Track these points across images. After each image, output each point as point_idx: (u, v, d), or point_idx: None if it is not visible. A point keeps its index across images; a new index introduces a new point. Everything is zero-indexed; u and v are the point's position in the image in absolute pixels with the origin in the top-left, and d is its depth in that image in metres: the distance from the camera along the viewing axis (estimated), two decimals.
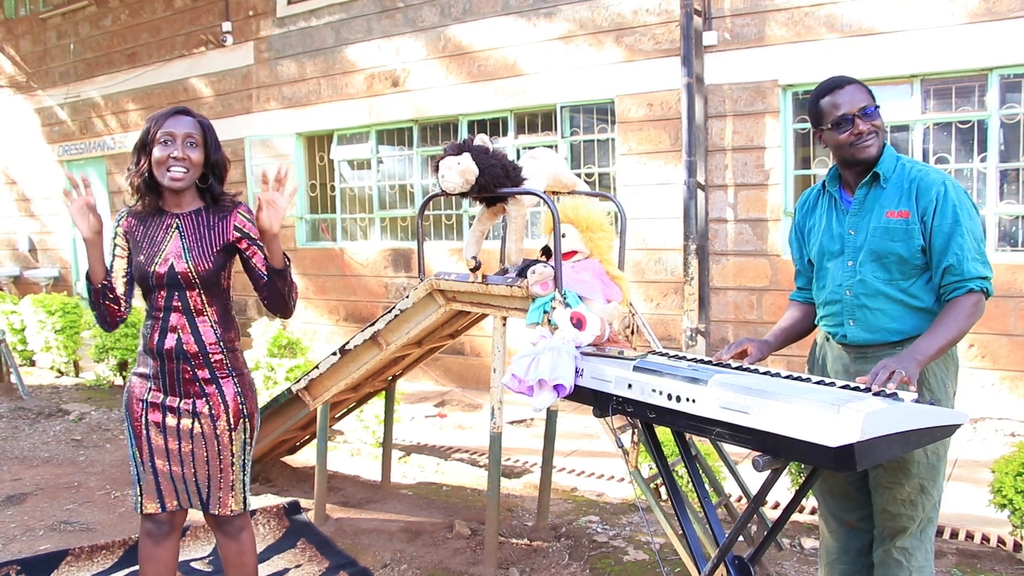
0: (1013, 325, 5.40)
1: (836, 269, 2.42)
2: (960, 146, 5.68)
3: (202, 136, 2.50)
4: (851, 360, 2.41)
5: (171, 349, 2.47)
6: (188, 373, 2.49)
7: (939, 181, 2.28)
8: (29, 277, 11.90)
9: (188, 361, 2.48)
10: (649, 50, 6.58)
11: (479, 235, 3.32)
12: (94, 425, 6.23)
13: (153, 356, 2.49)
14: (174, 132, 2.45)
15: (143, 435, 2.51)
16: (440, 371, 7.96)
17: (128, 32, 10.44)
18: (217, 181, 2.58)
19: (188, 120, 2.49)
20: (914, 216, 2.28)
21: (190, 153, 2.46)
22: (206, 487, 2.54)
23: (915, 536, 2.34)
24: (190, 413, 2.50)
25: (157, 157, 2.44)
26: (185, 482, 2.52)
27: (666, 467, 2.44)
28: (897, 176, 2.34)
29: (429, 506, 4.43)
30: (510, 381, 2.48)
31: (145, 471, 2.52)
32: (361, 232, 8.74)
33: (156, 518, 2.54)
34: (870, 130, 2.32)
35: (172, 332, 2.47)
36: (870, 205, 2.35)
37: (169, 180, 2.45)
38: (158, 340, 2.48)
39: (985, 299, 2.27)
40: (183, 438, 2.50)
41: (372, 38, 8.17)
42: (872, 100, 2.32)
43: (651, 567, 3.56)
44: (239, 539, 2.64)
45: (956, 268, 2.24)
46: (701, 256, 6.40)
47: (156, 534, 2.54)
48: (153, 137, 2.45)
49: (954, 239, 2.23)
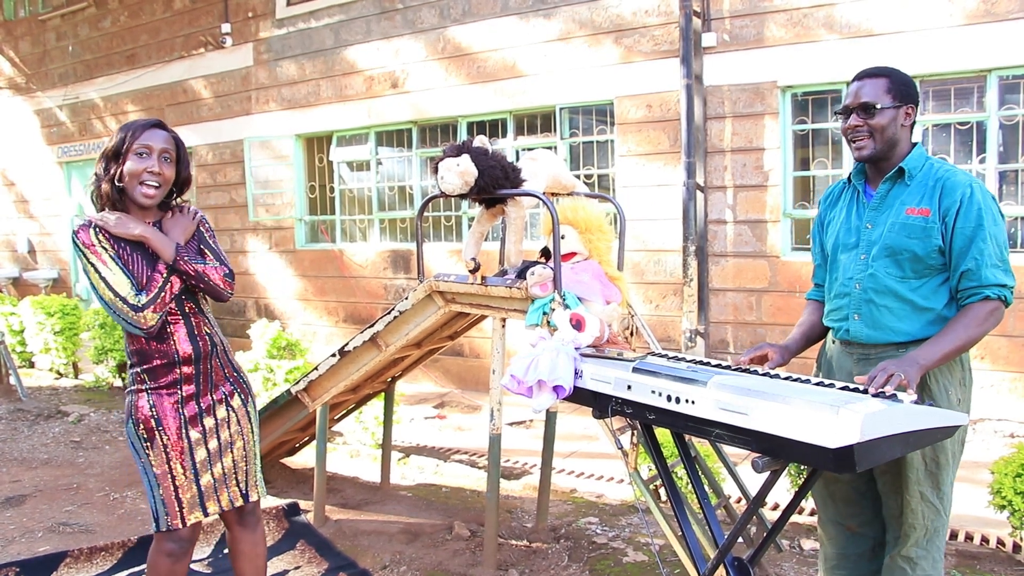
0: (1012, 326, 5.40)
1: (849, 262, 2.40)
2: (959, 147, 5.68)
3: (176, 152, 2.50)
4: (854, 363, 2.39)
5: (207, 350, 2.53)
6: (218, 367, 2.57)
7: (966, 183, 2.23)
8: (28, 278, 11.88)
9: (218, 357, 2.57)
10: (648, 51, 6.59)
11: (478, 236, 3.31)
12: (93, 427, 6.22)
13: (187, 362, 2.48)
14: (151, 145, 2.42)
15: (186, 452, 2.46)
16: (439, 372, 7.95)
17: (127, 33, 10.44)
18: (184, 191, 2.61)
19: (164, 135, 2.47)
20: (935, 215, 2.23)
21: (164, 169, 2.45)
22: (243, 476, 2.59)
23: (920, 545, 2.31)
24: (225, 407, 2.56)
25: (131, 169, 2.40)
26: (225, 478, 2.54)
27: (665, 468, 2.44)
28: (923, 174, 2.30)
29: (428, 507, 4.43)
30: (509, 382, 2.48)
31: (187, 480, 2.46)
32: (360, 233, 8.74)
33: (179, 536, 2.49)
34: (862, 127, 2.30)
35: (200, 332, 2.52)
36: (891, 201, 2.33)
37: (141, 196, 2.42)
38: (192, 345, 2.49)
39: (1004, 308, 2.22)
40: (220, 428, 2.54)
41: (371, 39, 8.17)
42: (889, 99, 2.28)
43: (650, 568, 3.56)
44: (256, 530, 2.69)
45: (974, 273, 2.19)
46: (700, 257, 6.40)
47: (178, 553, 2.51)
48: (128, 147, 2.40)
49: (975, 243, 2.19)
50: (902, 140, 2.34)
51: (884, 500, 2.38)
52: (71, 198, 11.53)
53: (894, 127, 2.31)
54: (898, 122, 2.31)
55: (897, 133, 2.32)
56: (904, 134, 2.34)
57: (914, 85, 2.35)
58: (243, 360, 6.13)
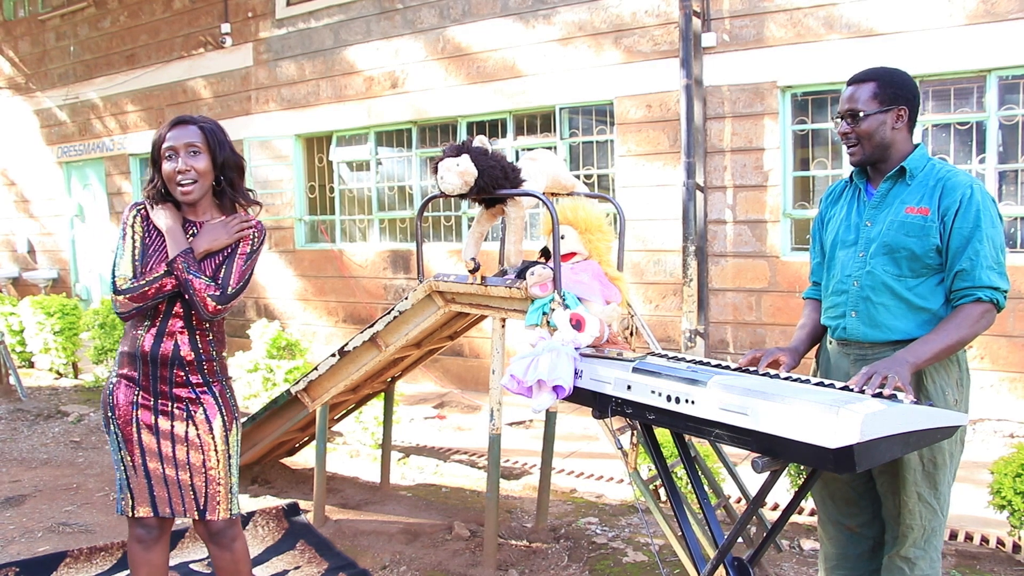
0: (1012, 326, 5.40)
1: (847, 259, 2.40)
2: (959, 147, 5.68)
3: (204, 141, 2.49)
4: (851, 363, 2.39)
5: (167, 355, 2.47)
6: (181, 378, 2.49)
7: (966, 184, 2.24)
8: (28, 278, 11.88)
9: (183, 367, 2.49)
10: (648, 51, 6.59)
11: (478, 236, 3.31)
12: (93, 427, 6.22)
13: (143, 360, 2.47)
14: (175, 146, 2.45)
15: (134, 437, 2.47)
16: (439, 372, 7.95)
17: (127, 33, 10.44)
18: (230, 181, 2.56)
19: (189, 129, 2.47)
20: (934, 214, 2.24)
21: (194, 163, 2.45)
22: (202, 492, 2.51)
23: (919, 546, 2.31)
24: (184, 417, 2.49)
25: (166, 173, 2.46)
26: (180, 487, 2.49)
27: (665, 468, 2.44)
28: (925, 174, 2.31)
29: (428, 507, 4.43)
30: (509, 382, 2.48)
31: (136, 474, 2.47)
32: (360, 233, 8.74)
33: (146, 523, 2.50)
34: (850, 134, 2.31)
35: (169, 337, 2.47)
36: (892, 199, 2.33)
37: (180, 195, 2.47)
38: (153, 344, 2.46)
39: (996, 311, 2.21)
40: (177, 442, 2.48)
41: (371, 39, 8.17)
42: (876, 104, 2.28)
43: (650, 568, 3.56)
44: (232, 549, 2.61)
45: (968, 273, 2.19)
46: (700, 257, 6.40)
47: (147, 539, 2.51)
48: (159, 154, 2.47)
49: (972, 243, 2.19)
50: (897, 141, 2.33)
51: (883, 500, 2.38)
52: (71, 198, 11.52)
53: (883, 131, 2.30)
54: (888, 125, 2.30)
55: (888, 136, 2.31)
56: (899, 135, 2.33)
57: (908, 85, 2.32)
58: (243, 360, 6.14)
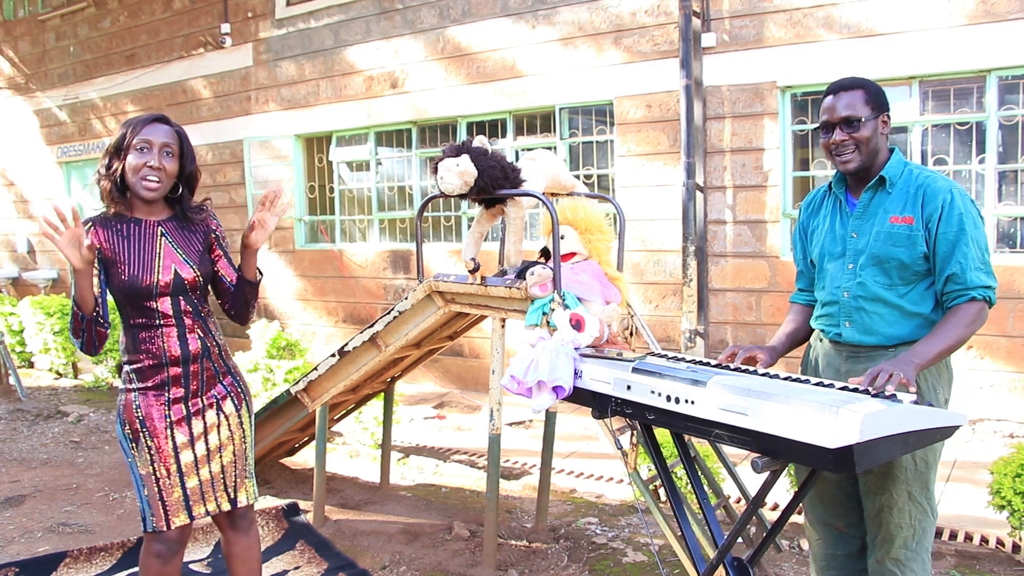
0: (1012, 326, 5.40)
1: (836, 271, 2.42)
2: (959, 147, 5.68)
3: (179, 147, 2.48)
4: (842, 360, 2.41)
5: (197, 351, 2.50)
6: (210, 371, 2.55)
7: (946, 188, 2.27)
8: (28, 279, 11.88)
9: (211, 360, 2.54)
10: (648, 52, 6.58)
11: (478, 236, 3.31)
12: (92, 427, 6.22)
13: (175, 363, 2.47)
14: (151, 140, 2.41)
15: (171, 455, 2.44)
16: (439, 372, 7.95)
17: (127, 34, 10.44)
18: (188, 192, 2.57)
19: (166, 129, 2.46)
20: (918, 222, 2.27)
21: (166, 163, 2.44)
22: (232, 480, 2.56)
23: (908, 547, 2.32)
24: (215, 408, 2.54)
25: (132, 164, 2.40)
26: (213, 481, 2.52)
27: (665, 469, 2.44)
28: (904, 181, 2.33)
29: (428, 508, 4.42)
30: (509, 382, 2.48)
31: (172, 483, 2.44)
32: (360, 233, 8.74)
33: (167, 537, 2.48)
34: (848, 141, 2.32)
35: (192, 334, 2.50)
36: (874, 209, 2.35)
37: (143, 189, 2.42)
38: (180, 346, 2.47)
39: (988, 308, 2.26)
40: (209, 432, 2.51)
41: (371, 39, 8.17)
42: (868, 110, 2.30)
43: (650, 568, 3.56)
44: (249, 533, 2.66)
45: (959, 277, 2.23)
46: (700, 257, 6.40)
47: (166, 554, 2.50)
48: (129, 143, 2.40)
49: (959, 247, 2.23)
50: (882, 148, 2.37)
51: (864, 500, 2.40)
52: (71, 198, 11.51)
53: (876, 137, 2.33)
54: (878, 131, 2.34)
55: (878, 142, 2.35)
56: (883, 142, 2.37)
57: (884, 93, 2.38)
58: (243, 360, 6.14)
